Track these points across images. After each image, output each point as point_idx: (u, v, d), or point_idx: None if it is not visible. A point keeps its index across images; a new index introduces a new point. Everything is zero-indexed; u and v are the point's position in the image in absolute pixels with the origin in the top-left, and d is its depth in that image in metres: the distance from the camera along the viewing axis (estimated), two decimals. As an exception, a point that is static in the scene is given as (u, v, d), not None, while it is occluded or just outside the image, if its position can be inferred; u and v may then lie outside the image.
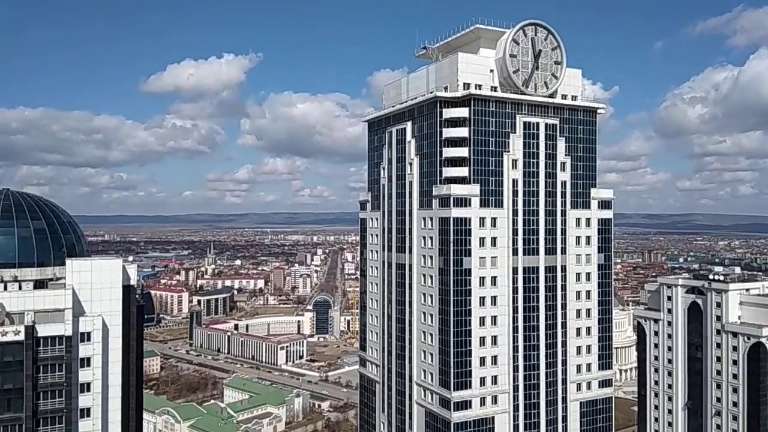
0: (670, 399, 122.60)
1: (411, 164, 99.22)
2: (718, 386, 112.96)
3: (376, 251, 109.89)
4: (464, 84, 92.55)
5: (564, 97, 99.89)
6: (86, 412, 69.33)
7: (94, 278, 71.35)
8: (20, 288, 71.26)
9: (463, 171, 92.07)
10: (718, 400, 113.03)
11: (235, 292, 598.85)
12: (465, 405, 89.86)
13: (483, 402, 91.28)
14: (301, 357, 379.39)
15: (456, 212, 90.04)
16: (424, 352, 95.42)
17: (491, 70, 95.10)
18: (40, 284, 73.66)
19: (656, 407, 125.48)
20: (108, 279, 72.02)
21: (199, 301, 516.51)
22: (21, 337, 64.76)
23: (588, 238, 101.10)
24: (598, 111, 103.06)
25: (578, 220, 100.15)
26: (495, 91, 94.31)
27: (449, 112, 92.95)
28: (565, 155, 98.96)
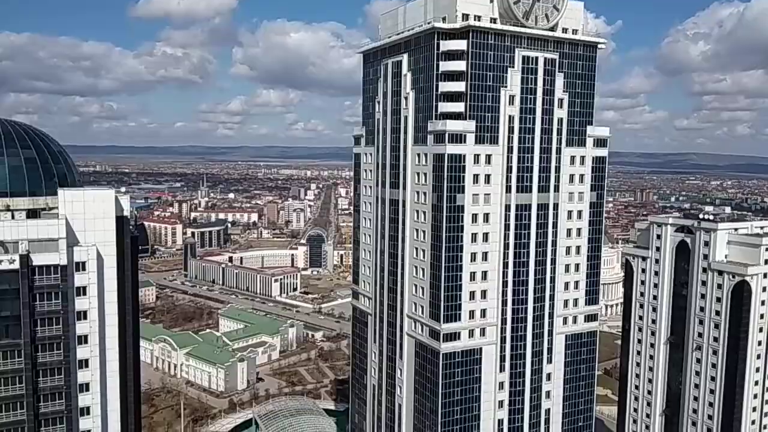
0: (653, 334, 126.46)
1: (406, 98, 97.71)
2: (701, 322, 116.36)
3: (370, 187, 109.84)
4: (463, 15, 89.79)
5: (564, 30, 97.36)
6: (83, 339, 70.90)
7: (87, 209, 71.21)
8: (13, 217, 71.18)
9: (459, 106, 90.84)
10: (700, 335, 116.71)
11: (229, 225, 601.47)
12: (454, 336, 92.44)
13: (471, 334, 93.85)
14: (294, 289, 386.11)
15: (451, 149, 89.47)
16: (416, 286, 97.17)
17: (491, 0, 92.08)
18: (32, 214, 73.55)
19: (639, 341, 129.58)
20: (101, 209, 71.91)
21: (193, 233, 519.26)
22: (16, 265, 65.30)
23: (581, 176, 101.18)
24: (599, 46, 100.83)
25: (573, 158, 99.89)
26: (494, 23, 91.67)
27: (447, 45, 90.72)
28: (563, 91, 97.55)
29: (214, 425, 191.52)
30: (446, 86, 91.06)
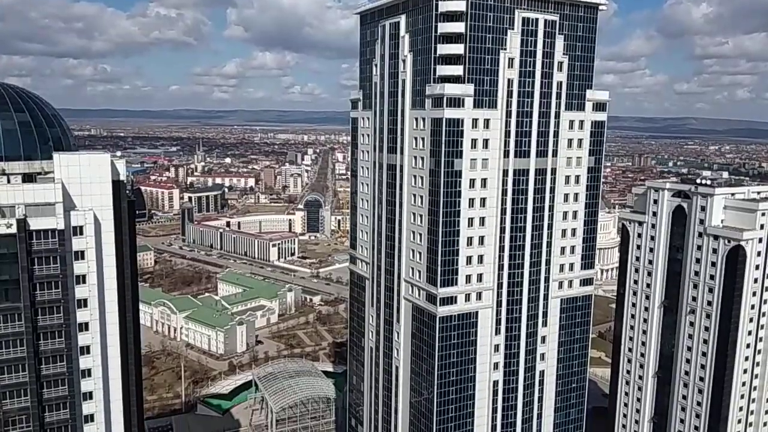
0: (647, 298, 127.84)
1: (404, 61, 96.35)
2: (695, 286, 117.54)
3: (368, 151, 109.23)
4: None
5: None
6: (83, 303, 71.38)
7: (83, 173, 70.83)
8: (8, 182, 70.80)
9: (457, 69, 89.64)
10: (694, 299, 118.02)
11: (226, 190, 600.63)
12: (450, 300, 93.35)
13: (468, 298, 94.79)
14: (292, 254, 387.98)
15: (449, 113, 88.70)
16: (413, 251, 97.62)
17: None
18: (28, 178, 73.14)
19: (634, 305, 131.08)
20: (97, 174, 71.53)
21: (190, 198, 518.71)
22: (13, 230, 65.23)
23: (580, 140, 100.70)
24: (600, 7, 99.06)
25: (571, 122, 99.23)
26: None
27: (445, 5, 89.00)
28: (563, 54, 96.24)
29: (214, 386, 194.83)
30: (445, 49, 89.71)
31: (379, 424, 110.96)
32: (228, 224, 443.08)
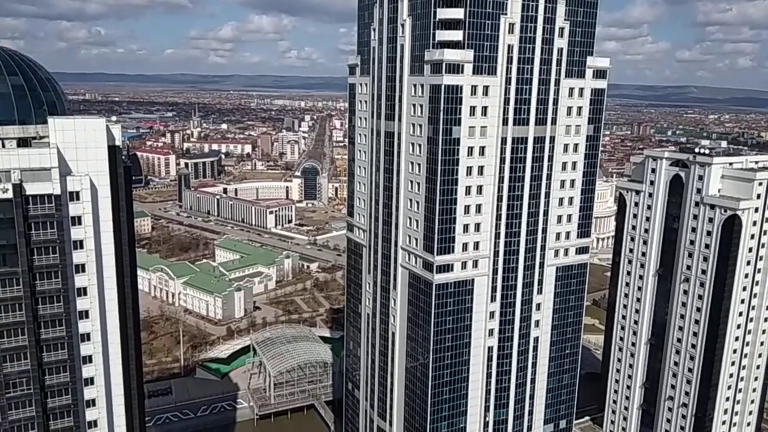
0: (642, 266, 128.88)
1: (403, 26, 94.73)
2: (690, 255, 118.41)
3: (365, 118, 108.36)
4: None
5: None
6: (81, 268, 71.63)
7: (78, 138, 70.23)
8: (3, 146, 70.24)
9: (457, 35, 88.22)
10: (689, 267, 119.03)
11: (223, 156, 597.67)
12: (447, 268, 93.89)
13: (464, 266, 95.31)
14: (289, 221, 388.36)
15: (448, 79, 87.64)
16: (410, 218, 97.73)
17: None
18: (23, 143, 72.55)
19: (629, 273, 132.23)
20: (93, 139, 70.93)
21: (186, 164, 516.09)
22: (9, 195, 64.96)
23: (579, 108, 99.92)
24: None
25: (571, 89, 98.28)
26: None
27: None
28: (564, 20, 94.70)
29: (213, 351, 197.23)
30: (444, 13, 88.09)
31: (375, 388, 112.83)
32: (225, 191, 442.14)
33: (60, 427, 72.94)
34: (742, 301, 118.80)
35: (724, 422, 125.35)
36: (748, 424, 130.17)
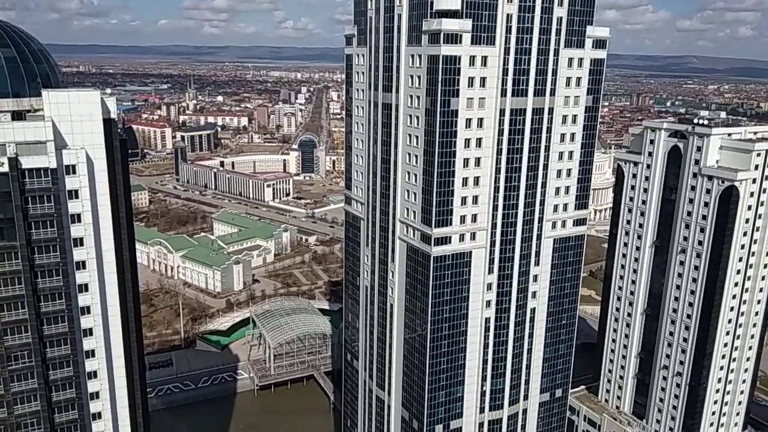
0: (639, 237, 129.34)
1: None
2: (687, 227, 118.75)
3: (362, 90, 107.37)
4: None
5: None
6: (79, 242, 71.72)
7: (73, 110, 69.61)
8: (-3, 120, 69.57)
9: (455, 3, 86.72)
10: (685, 239, 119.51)
11: (219, 129, 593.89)
12: (444, 240, 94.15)
13: (462, 238, 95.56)
14: (287, 194, 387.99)
15: (446, 50, 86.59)
16: (408, 191, 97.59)
17: None
18: (17, 116, 71.89)
19: (625, 245, 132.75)
20: (88, 112, 70.32)
21: (182, 137, 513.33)
22: (5, 168, 64.69)
23: (578, 79, 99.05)
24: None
25: (570, 60, 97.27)
26: None
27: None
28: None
29: (213, 323, 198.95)
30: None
31: (374, 358, 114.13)
32: (222, 164, 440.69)
33: (62, 399, 73.94)
34: (738, 272, 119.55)
35: (717, 390, 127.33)
36: (742, 392, 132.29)
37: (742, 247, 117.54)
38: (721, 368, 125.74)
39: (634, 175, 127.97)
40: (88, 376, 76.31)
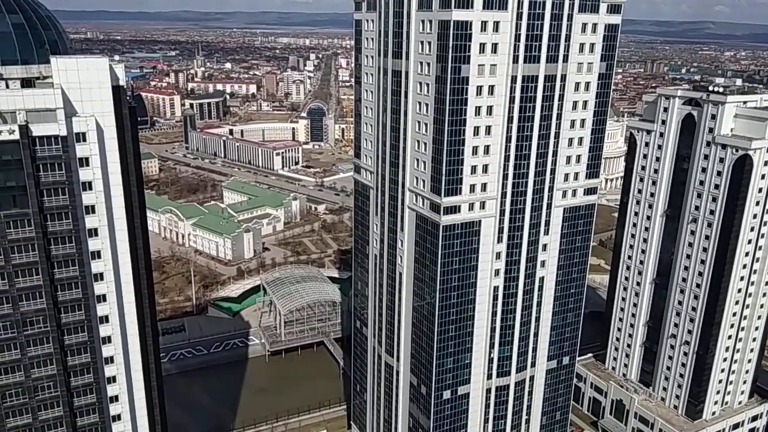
0: (650, 207, 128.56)
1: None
2: (699, 195, 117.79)
3: (372, 56, 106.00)
4: None
5: None
6: (91, 209, 72.27)
7: (81, 78, 69.36)
8: (7, 86, 69.49)
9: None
10: (697, 208, 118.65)
11: (228, 96, 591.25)
12: (454, 209, 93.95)
13: (471, 207, 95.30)
14: (296, 163, 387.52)
15: (457, 14, 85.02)
16: (417, 160, 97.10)
17: None
18: (26, 83, 71.78)
19: (636, 214, 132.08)
20: (96, 79, 70.04)
21: (191, 105, 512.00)
22: (16, 136, 64.82)
23: (592, 45, 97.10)
24: None
25: (584, 25, 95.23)
26: None
27: None
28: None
29: (224, 290, 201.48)
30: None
31: (383, 326, 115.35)
32: (231, 132, 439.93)
33: (78, 363, 75.58)
34: (749, 242, 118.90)
35: (725, 359, 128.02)
36: (749, 361, 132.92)
37: (755, 216, 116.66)
38: (729, 337, 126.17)
39: (647, 144, 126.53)
40: (102, 341, 77.79)
